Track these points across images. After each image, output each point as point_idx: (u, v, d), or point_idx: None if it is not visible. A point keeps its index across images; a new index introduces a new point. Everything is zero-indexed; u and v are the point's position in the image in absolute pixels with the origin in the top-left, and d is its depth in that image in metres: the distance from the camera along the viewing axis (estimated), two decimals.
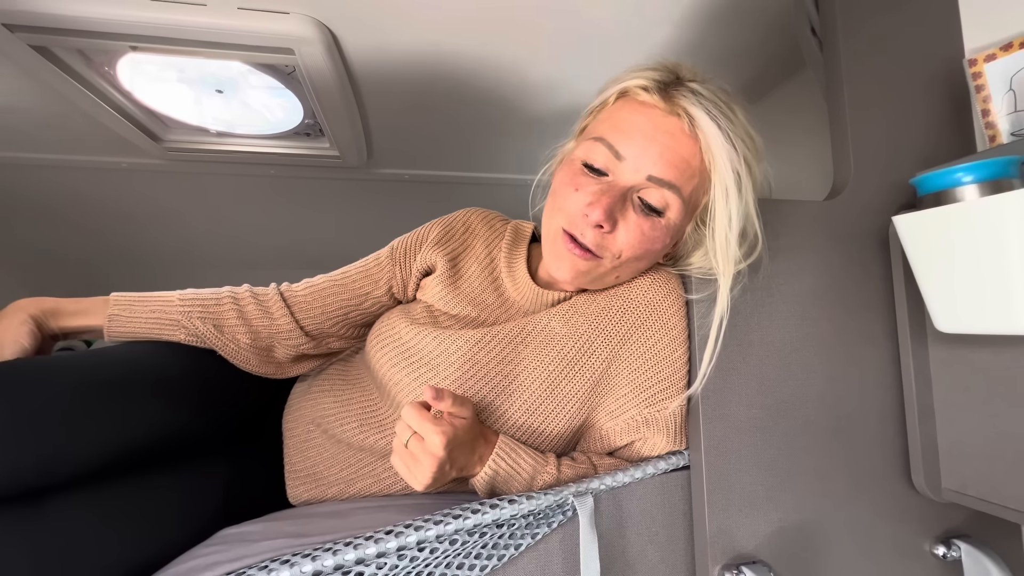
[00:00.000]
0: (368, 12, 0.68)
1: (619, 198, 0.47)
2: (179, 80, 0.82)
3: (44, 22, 0.63)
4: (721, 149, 0.45)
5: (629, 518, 0.51)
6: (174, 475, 0.49)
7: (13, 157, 1.00)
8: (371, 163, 1.07)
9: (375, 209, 1.23)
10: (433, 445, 0.43)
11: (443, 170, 1.12)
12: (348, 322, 0.61)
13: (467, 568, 0.46)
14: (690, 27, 0.76)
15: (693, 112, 0.46)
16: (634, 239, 0.48)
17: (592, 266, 0.50)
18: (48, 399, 0.40)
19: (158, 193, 1.11)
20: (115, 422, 0.43)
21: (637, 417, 0.51)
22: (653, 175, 0.47)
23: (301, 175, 1.10)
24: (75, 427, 0.40)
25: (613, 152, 0.48)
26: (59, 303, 0.52)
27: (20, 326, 0.48)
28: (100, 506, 0.42)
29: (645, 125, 0.47)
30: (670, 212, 0.48)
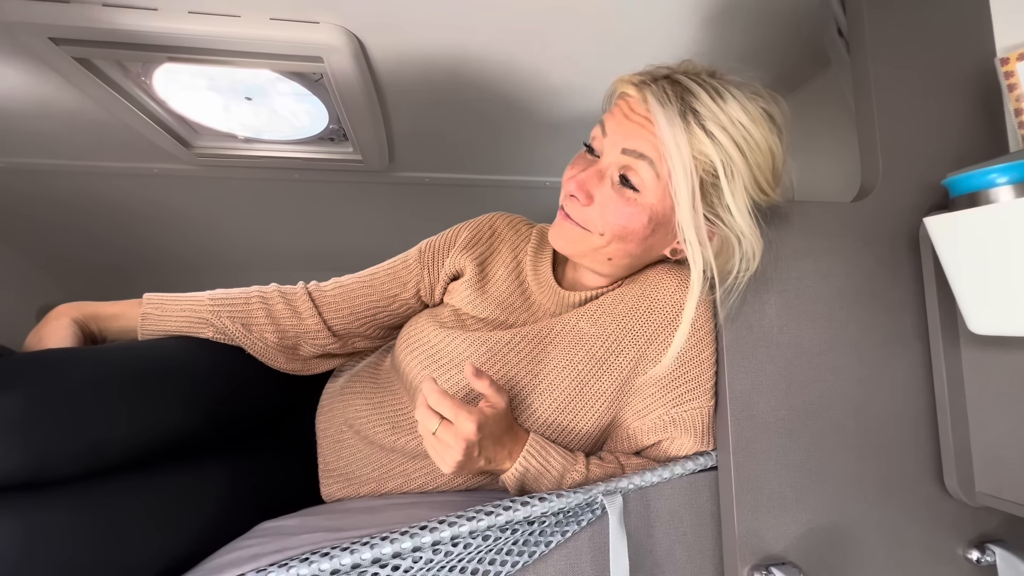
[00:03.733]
0: (394, 19, 0.69)
1: (596, 173, 0.51)
2: (210, 88, 0.84)
3: (87, 35, 0.66)
4: (665, 130, 0.47)
5: (657, 518, 0.51)
6: (205, 468, 0.51)
7: (52, 164, 1.04)
8: (392, 167, 1.09)
9: (396, 211, 1.25)
10: (465, 429, 0.44)
11: (463, 173, 1.13)
12: (375, 323, 0.63)
13: (499, 564, 0.46)
14: (714, 28, 0.76)
15: (648, 97, 0.48)
16: (610, 215, 0.50)
17: (580, 236, 0.52)
18: (81, 388, 0.42)
19: (188, 197, 1.15)
20: (148, 411, 0.46)
21: (664, 417, 0.52)
22: (626, 147, 0.49)
23: (324, 179, 1.12)
24: (113, 414, 0.43)
25: (602, 129, 0.52)
26: (97, 307, 0.54)
27: (64, 329, 0.50)
28: (142, 494, 0.44)
29: (624, 106, 0.51)
30: (645, 190, 0.49)
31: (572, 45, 0.77)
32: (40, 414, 0.38)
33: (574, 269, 0.59)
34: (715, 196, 0.48)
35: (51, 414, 0.39)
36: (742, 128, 0.46)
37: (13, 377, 0.39)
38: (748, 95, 0.47)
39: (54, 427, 0.39)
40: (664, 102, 0.46)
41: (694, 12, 0.73)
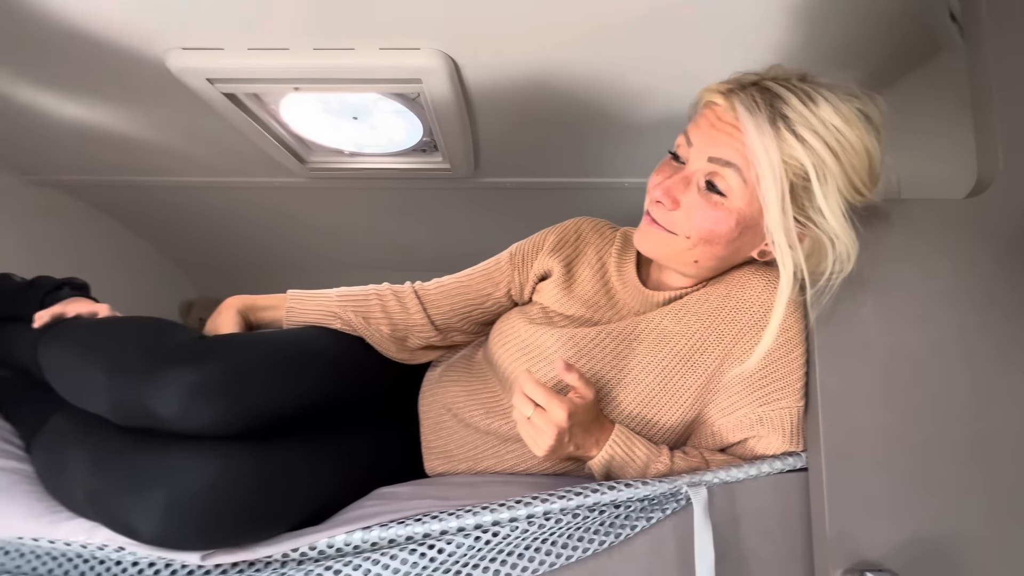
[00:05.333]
0: (486, 40, 0.75)
1: (682, 179, 0.52)
2: (324, 111, 0.96)
3: (235, 74, 0.79)
4: (754, 138, 0.47)
5: (743, 513, 0.52)
6: (339, 436, 0.60)
7: (194, 180, 1.23)
8: (477, 173, 1.16)
9: (480, 215, 1.33)
10: (556, 416, 0.48)
11: (543, 176, 1.18)
12: (471, 319, 0.70)
13: (587, 541, 0.51)
14: (801, 25, 0.74)
15: (736, 105, 0.49)
16: (695, 217, 0.52)
17: (666, 239, 0.54)
18: (259, 364, 0.52)
19: (300, 206, 1.30)
20: (301, 384, 0.55)
21: (751, 415, 0.53)
22: (713, 155, 0.51)
23: (415, 186, 1.22)
24: (280, 384, 0.53)
25: (687, 139, 0.53)
26: (254, 299, 0.66)
27: (233, 318, 0.62)
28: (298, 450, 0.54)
29: (711, 116, 0.52)
30: (732, 195, 0.50)
31: (653, 50, 0.79)
32: (235, 380, 0.49)
33: (658, 270, 0.61)
34: (806, 199, 0.48)
35: (241, 381, 0.50)
36: (835, 131, 0.46)
37: (214, 352, 0.51)
38: (842, 97, 0.47)
39: (243, 391, 0.50)
40: (752, 109, 0.47)
41: (781, 10, 0.71)
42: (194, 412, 0.47)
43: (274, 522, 0.49)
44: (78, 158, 1.14)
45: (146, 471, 0.45)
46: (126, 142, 1.06)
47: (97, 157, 1.13)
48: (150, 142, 1.06)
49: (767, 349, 0.50)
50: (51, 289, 0.63)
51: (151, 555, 0.48)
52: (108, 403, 0.49)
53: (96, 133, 1.03)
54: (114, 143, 1.06)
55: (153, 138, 1.05)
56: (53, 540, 0.48)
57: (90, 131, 1.02)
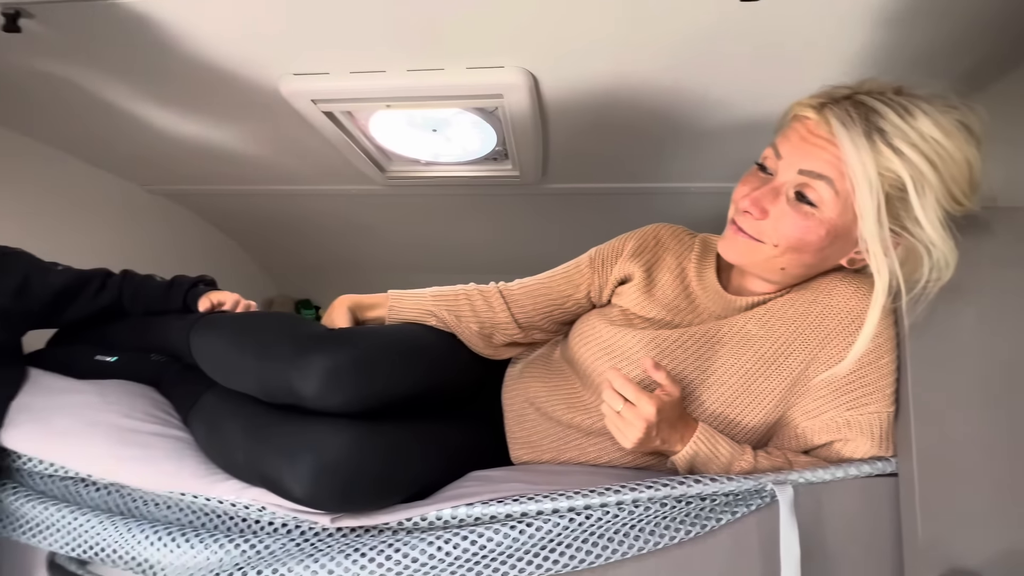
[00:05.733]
0: (567, 56, 0.80)
1: (771, 190, 0.54)
2: (408, 124, 1.04)
3: (336, 95, 0.88)
4: (850, 151, 0.48)
5: (829, 515, 0.53)
6: (439, 423, 0.66)
7: (285, 189, 1.35)
8: (544, 179, 1.21)
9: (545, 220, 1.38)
10: (645, 411, 0.52)
11: (608, 182, 1.21)
12: (552, 319, 0.74)
13: (672, 530, 0.54)
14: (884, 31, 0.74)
15: (831, 120, 0.50)
16: (784, 228, 0.53)
17: (752, 248, 0.56)
18: (379, 354, 0.60)
19: (376, 212, 1.40)
20: (412, 373, 0.62)
21: (837, 418, 0.54)
22: (804, 168, 0.52)
23: (483, 192, 1.28)
24: (399, 371, 0.60)
25: (776, 152, 0.55)
26: (361, 298, 0.74)
27: (345, 313, 0.71)
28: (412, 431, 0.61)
29: (801, 130, 0.53)
30: (824, 206, 0.52)
31: (731, 60, 0.80)
32: (362, 367, 0.57)
33: (740, 276, 0.63)
34: (902, 209, 0.49)
35: (368, 368, 0.57)
36: (934, 143, 0.47)
37: (347, 342, 0.59)
38: (941, 108, 0.48)
39: (369, 376, 0.57)
40: (847, 123, 0.48)
41: (862, 18, 0.71)
42: (330, 392, 0.54)
43: (393, 492, 0.55)
44: (187, 170, 1.28)
45: (295, 439, 0.53)
46: (229, 155, 1.18)
47: (203, 169, 1.27)
48: (249, 155, 1.18)
49: (860, 353, 0.51)
50: (189, 287, 0.73)
51: (287, 516, 0.56)
52: (257, 383, 0.58)
53: (206, 149, 1.15)
54: (219, 157, 1.19)
55: (253, 151, 1.17)
56: (210, 498, 0.57)
57: (201, 147, 1.15)
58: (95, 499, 0.60)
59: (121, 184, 1.34)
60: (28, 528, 0.59)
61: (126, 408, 0.63)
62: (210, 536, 0.55)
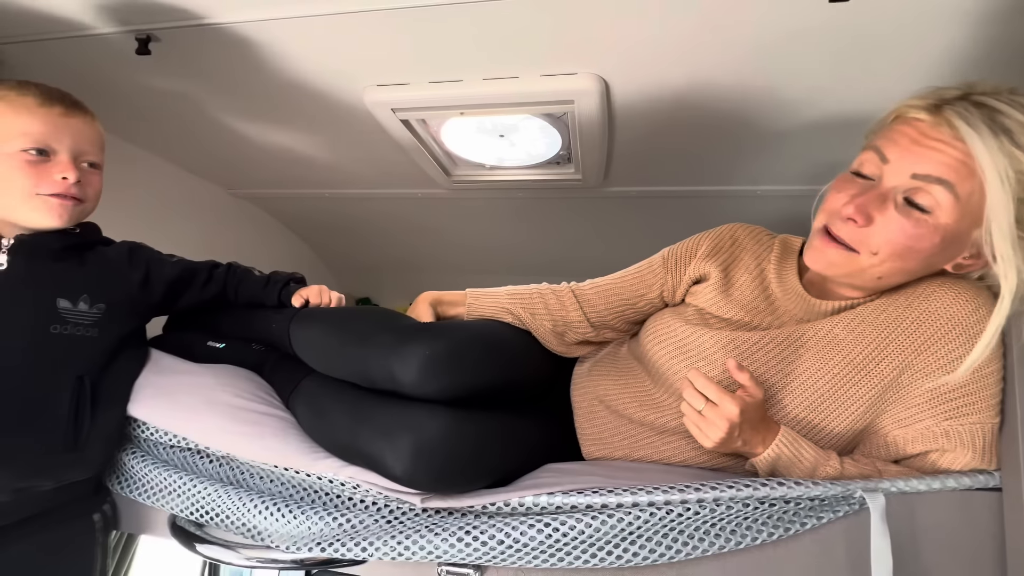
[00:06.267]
0: (639, 61, 0.81)
1: (877, 196, 0.52)
2: (477, 131, 1.08)
3: (414, 104, 0.93)
4: (979, 146, 0.46)
5: (924, 526, 0.52)
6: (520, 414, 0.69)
7: (355, 192, 1.43)
8: (605, 182, 1.22)
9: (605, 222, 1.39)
10: (728, 411, 0.52)
11: (671, 185, 1.21)
12: (623, 318, 0.76)
13: (755, 531, 0.54)
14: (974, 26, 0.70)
15: (953, 120, 0.48)
16: (892, 235, 0.51)
17: (846, 259, 0.54)
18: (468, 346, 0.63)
19: (440, 214, 1.46)
20: (497, 365, 0.66)
21: (935, 428, 0.53)
22: (918, 172, 0.50)
23: (545, 195, 1.31)
24: (486, 362, 0.64)
25: (880, 156, 0.53)
26: (441, 295, 0.78)
27: (428, 308, 0.76)
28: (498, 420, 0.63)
29: (912, 132, 0.51)
30: (939, 211, 0.50)
31: (807, 63, 0.79)
32: (455, 357, 0.61)
33: (825, 279, 0.62)
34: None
35: (460, 357, 0.61)
36: None
37: (441, 333, 0.63)
38: None
39: (461, 365, 0.61)
40: (973, 124, 0.47)
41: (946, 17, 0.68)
42: (428, 379, 0.58)
43: (481, 476, 0.59)
44: (268, 175, 1.38)
45: (396, 421, 0.57)
46: (309, 162, 1.27)
47: (283, 174, 1.37)
48: (327, 161, 1.26)
49: (976, 362, 0.49)
50: (284, 283, 0.80)
51: (378, 495, 0.60)
52: (359, 370, 0.63)
53: (288, 155, 1.24)
54: (299, 162, 1.28)
55: (329, 157, 1.24)
56: (310, 473, 0.62)
57: (284, 154, 1.24)
58: (209, 469, 0.66)
59: (209, 187, 1.47)
60: (152, 492, 0.66)
61: (238, 389, 0.70)
62: (311, 508, 0.60)
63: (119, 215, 1.19)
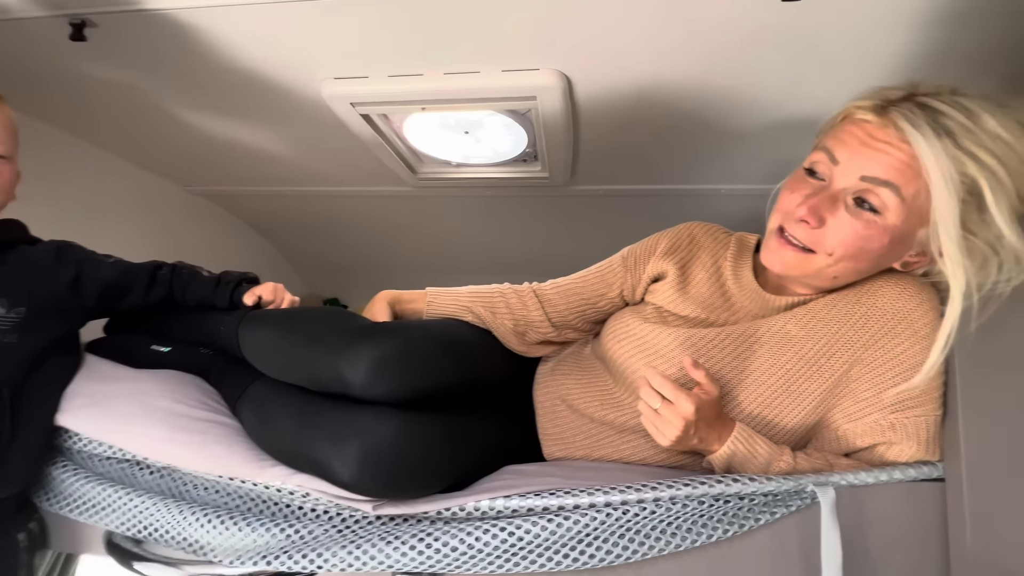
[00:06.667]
0: (602, 58, 0.80)
1: (828, 198, 0.52)
2: (440, 127, 1.06)
3: (374, 98, 0.90)
4: (924, 150, 0.47)
5: (872, 518, 0.53)
6: (474, 416, 0.67)
7: (315, 190, 1.39)
8: (572, 180, 1.22)
9: (573, 220, 1.38)
10: (684, 409, 0.52)
11: (637, 184, 1.21)
12: (585, 317, 0.75)
13: (710, 528, 0.54)
14: (928, 29, 0.72)
15: (899, 122, 0.49)
16: (844, 236, 0.52)
17: (801, 260, 0.54)
18: (421, 345, 0.61)
19: (407, 213, 1.43)
20: (451, 366, 0.63)
21: (882, 421, 0.53)
22: (867, 175, 0.51)
23: (512, 194, 1.30)
24: (439, 362, 0.61)
25: (831, 157, 0.53)
26: (400, 293, 0.76)
27: (385, 308, 0.73)
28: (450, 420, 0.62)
29: (860, 134, 0.52)
30: (888, 212, 0.50)
31: (767, 62, 0.80)
32: (405, 357, 0.58)
33: (780, 276, 0.63)
34: (973, 212, 0.48)
35: (411, 358, 0.59)
36: (1002, 143, 0.46)
37: (392, 333, 0.61)
38: (1000, 108, 0.47)
39: (412, 366, 0.59)
40: (919, 126, 0.47)
41: (902, 18, 0.70)
42: (377, 381, 0.56)
43: (434, 480, 0.57)
44: (226, 171, 1.33)
45: (343, 426, 0.55)
46: (269, 158, 1.22)
47: (243, 171, 1.32)
48: (288, 157, 1.22)
49: (935, 363, 0.50)
50: (236, 284, 0.76)
51: (329, 503, 0.58)
52: (307, 373, 0.60)
53: (247, 151, 1.20)
54: (257, 158, 1.23)
55: (291, 154, 1.20)
56: (257, 483, 0.59)
57: (241, 149, 1.19)
58: (149, 482, 0.63)
59: (163, 184, 1.40)
60: (86, 507, 0.62)
61: (180, 395, 0.66)
62: (257, 520, 0.57)
63: (59, 213, 1.12)
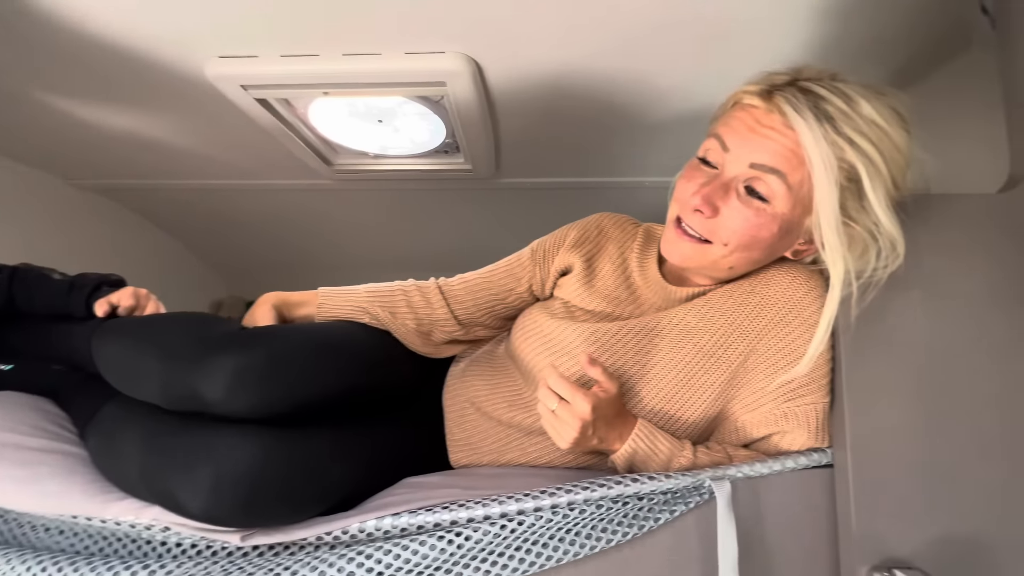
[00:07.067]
0: (510, 42, 0.77)
1: (721, 186, 0.52)
2: (350, 114, 0.99)
3: (268, 80, 0.82)
4: (808, 137, 0.47)
5: (767, 509, 0.52)
6: (365, 427, 0.62)
7: (224, 183, 1.28)
8: (498, 173, 1.18)
9: (500, 214, 1.35)
10: (580, 409, 0.50)
11: (564, 177, 1.19)
12: (494, 314, 0.71)
13: (610, 532, 0.51)
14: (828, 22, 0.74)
15: (784, 107, 0.48)
16: (737, 225, 0.51)
17: (699, 251, 0.54)
18: (295, 353, 0.55)
19: (326, 207, 1.34)
20: (333, 373, 0.57)
21: (775, 411, 0.53)
22: (755, 162, 0.50)
23: (437, 187, 1.24)
24: (315, 372, 0.55)
25: (722, 144, 0.53)
26: (287, 296, 0.69)
27: (269, 311, 0.65)
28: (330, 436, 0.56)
29: (748, 120, 0.51)
30: (776, 200, 0.50)
31: (677, 50, 0.79)
32: (275, 366, 0.52)
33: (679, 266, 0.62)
34: (851, 199, 0.48)
35: (281, 367, 0.52)
36: (877, 129, 0.46)
37: (257, 342, 0.53)
38: (876, 94, 0.47)
39: (282, 376, 0.52)
40: (802, 112, 0.47)
41: (807, 8, 0.71)
42: (237, 396, 0.49)
43: (308, 505, 0.51)
44: (116, 163, 1.19)
45: (195, 450, 0.48)
46: (162, 147, 1.11)
47: (134, 161, 1.19)
48: (185, 147, 1.11)
49: (818, 350, 0.49)
50: (92, 290, 0.66)
51: (194, 535, 0.51)
52: (160, 389, 0.52)
53: (134, 139, 1.07)
54: (151, 148, 1.11)
55: (187, 143, 1.09)
56: (105, 520, 0.51)
57: (129, 137, 1.07)
58: None
59: (40, 177, 1.24)
60: None
61: (12, 422, 0.57)
62: (104, 564, 0.49)
63: None
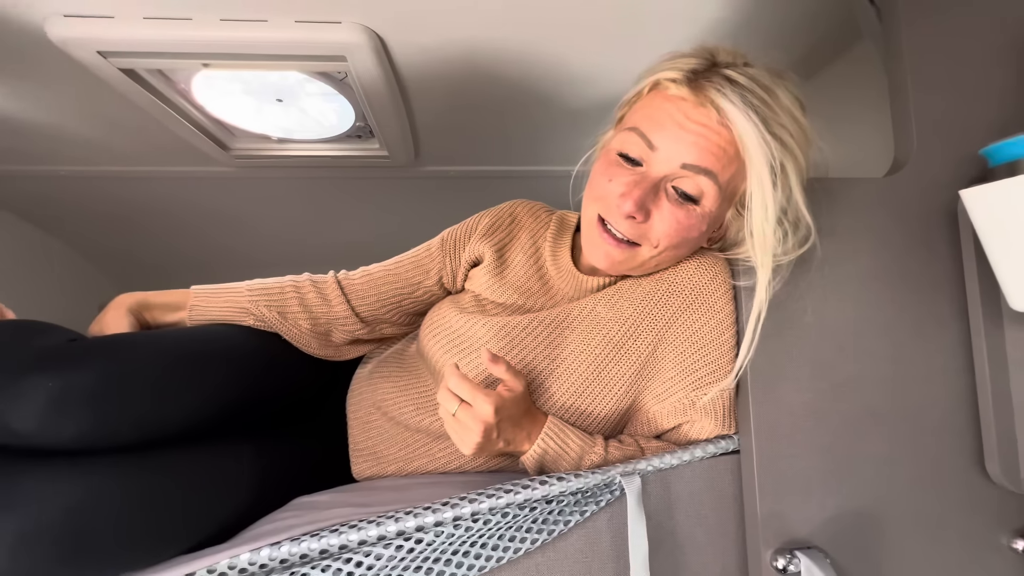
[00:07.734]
0: (413, 15, 0.71)
1: (651, 189, 0.48)
2: (244, 92, 0.89)
3: (131, 47, 0.71)
4: (753, 141, 0.45)
5: (677, 500, 0.51)
6: (245, 445, 0.54)
7: (103, 170, 1.12)
8: (418, 161, 1.12)
9: (423, 204, 1.28)
10: (482, 411, 0.45)
11: (486, 165, 1.15)
12: (401, 310, 0.65)
13: (519, 540, 0.48)
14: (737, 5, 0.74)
15: (721, 104, 0.46)
16: (669, 228, 0.49)
17: (628, 255, 0.51)
18: (141, 367, 0.46)
19: (226, 197, 1.21)
20: (194, 390, 0.49)
21: (684, 400, 0.52)
22: (687, 163, 0.47)
23: (353, 175, 1.16)
24: (167, 391, 0.47)
25: (646, 142, 0.49)
26: (150, 297, 0.59)
27: (122, 317, 0.55)
28: (187, 465, 0.48)
29: (676, 115, 0.48)
30: (705, 200, 0.48)
31: (591, 33, 0.76)
32: (108, 389, 0.43)
33: None
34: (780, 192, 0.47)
35: (117, 390, 0.43)
36: (794, 121, 0.46)
37: (86, 356, 0.44)
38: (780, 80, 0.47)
39: (119, 399, 0.43)
40: (738, 106, 0.45)
41: None
42: (55, 424, 0.40)
43: (160, 545, 0.43)
44: None
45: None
46: (17, 126, 0.94)
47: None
48: (47, 126, 0.95)
49: (746, 362, 0.48)
50: None
51: None
52: None
53: None
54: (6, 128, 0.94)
55: (50, 121, 0.94)
56: None
57: None
58: None
59: None
60: None
61: None
62: None
63: None
